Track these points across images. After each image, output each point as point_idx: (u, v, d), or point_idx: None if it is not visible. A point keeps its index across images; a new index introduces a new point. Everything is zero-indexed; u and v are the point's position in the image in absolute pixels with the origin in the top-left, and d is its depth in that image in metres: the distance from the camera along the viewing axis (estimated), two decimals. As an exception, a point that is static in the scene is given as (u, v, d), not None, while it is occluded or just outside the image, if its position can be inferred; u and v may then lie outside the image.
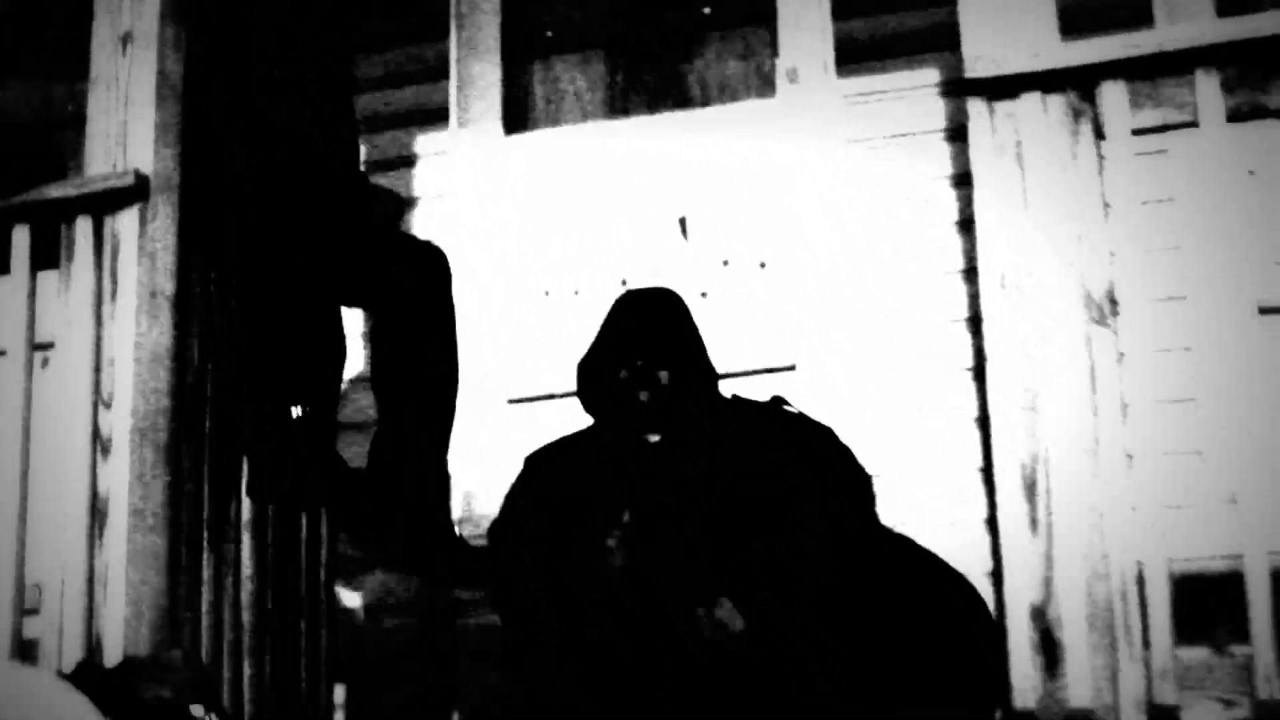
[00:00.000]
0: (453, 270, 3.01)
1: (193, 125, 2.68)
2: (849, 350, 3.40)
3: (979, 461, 3.25)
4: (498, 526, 2.69)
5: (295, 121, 2.91)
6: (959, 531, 3.23)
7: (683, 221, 3.71)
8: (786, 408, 2.65)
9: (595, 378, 2.68)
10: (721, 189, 3.73)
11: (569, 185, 3.83)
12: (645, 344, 2.63)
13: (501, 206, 3.82)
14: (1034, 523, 2.29)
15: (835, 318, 3.50)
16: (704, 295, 2.64)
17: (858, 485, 2.57)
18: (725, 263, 3.66)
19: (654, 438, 2.63)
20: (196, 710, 2.36)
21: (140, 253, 2.60)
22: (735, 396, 2.72)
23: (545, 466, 2.69)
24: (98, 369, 2.59)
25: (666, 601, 2.45)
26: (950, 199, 3.44)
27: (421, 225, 3.68)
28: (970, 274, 3.17)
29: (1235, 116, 2.37)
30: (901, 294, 3.50)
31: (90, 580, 2.49)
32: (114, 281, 2.61)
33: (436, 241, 3.09)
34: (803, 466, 2.55)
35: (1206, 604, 2.95)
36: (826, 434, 2.62)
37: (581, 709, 2.47)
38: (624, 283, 2.59)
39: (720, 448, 2.59)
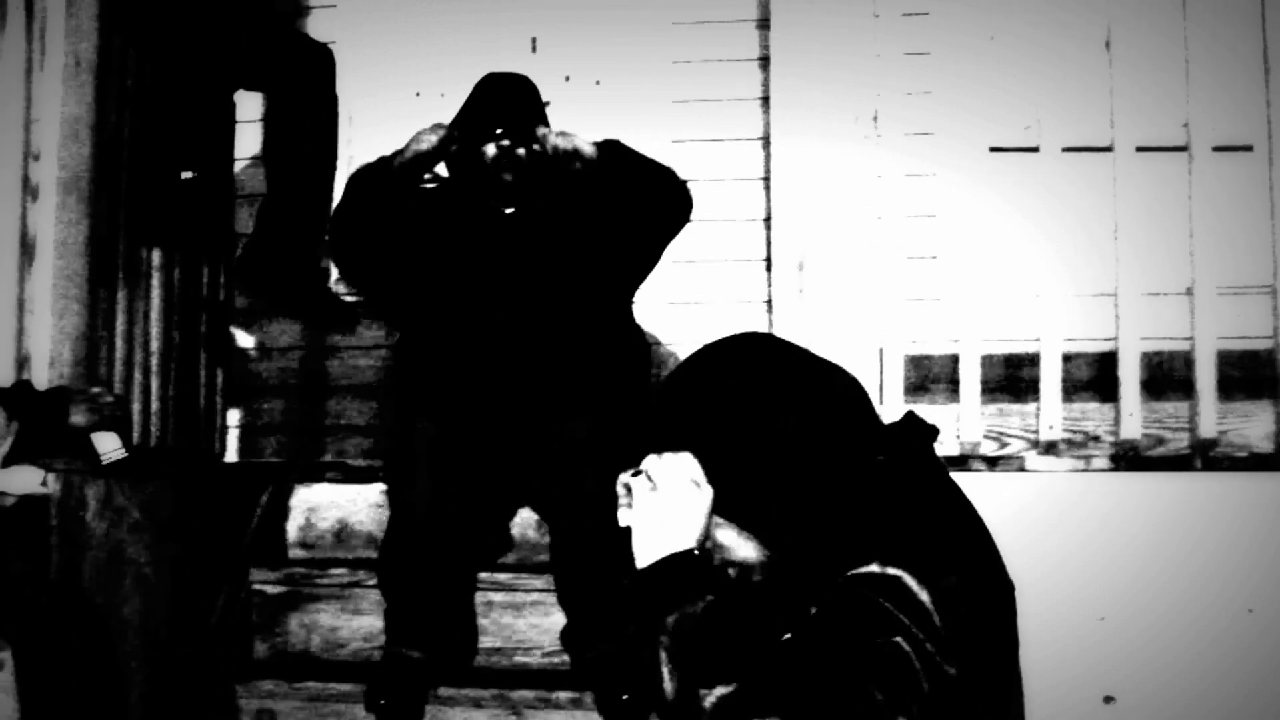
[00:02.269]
0: (338, 70, 3.29)
1: (117, -88, 2.84)
2: (667, 161, 3.59)
3: (764, 254, 3.67)
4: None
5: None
6: (745, 308, 3.73)
7: (534, 40, 4.04)
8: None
9: (460, 148, 2.83)
10: (567, 16, 4.05)
11: (441, 4, 4.11)
12: (508, 117, 2.82)
13: (382, 18, 4.10)
14: (801, 291, 2.74)
15: (654, 132, 3.86)
16: (548, 104, 3.02)
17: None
18: (567, 78, 4.00)
19: (509, 210, 2.86)
20: (109, 442, 2.63)
21: (66, 27, 2.80)
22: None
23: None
24: (28, 127, 2.79)
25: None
26: (754, 39, 3.80)
27: (314, 29, 3.92)
28: (766, 101, 3.49)
29: (978, -20, 2.74)
30: (712, 117, 3.88)
31: (20, 307, 2.72)
32: (43, 53, 2.81)
33: (325, 43, 3.37)
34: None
35: (929, 376, 3.48)
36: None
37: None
38: (484, 88, 2.97)
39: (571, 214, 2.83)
